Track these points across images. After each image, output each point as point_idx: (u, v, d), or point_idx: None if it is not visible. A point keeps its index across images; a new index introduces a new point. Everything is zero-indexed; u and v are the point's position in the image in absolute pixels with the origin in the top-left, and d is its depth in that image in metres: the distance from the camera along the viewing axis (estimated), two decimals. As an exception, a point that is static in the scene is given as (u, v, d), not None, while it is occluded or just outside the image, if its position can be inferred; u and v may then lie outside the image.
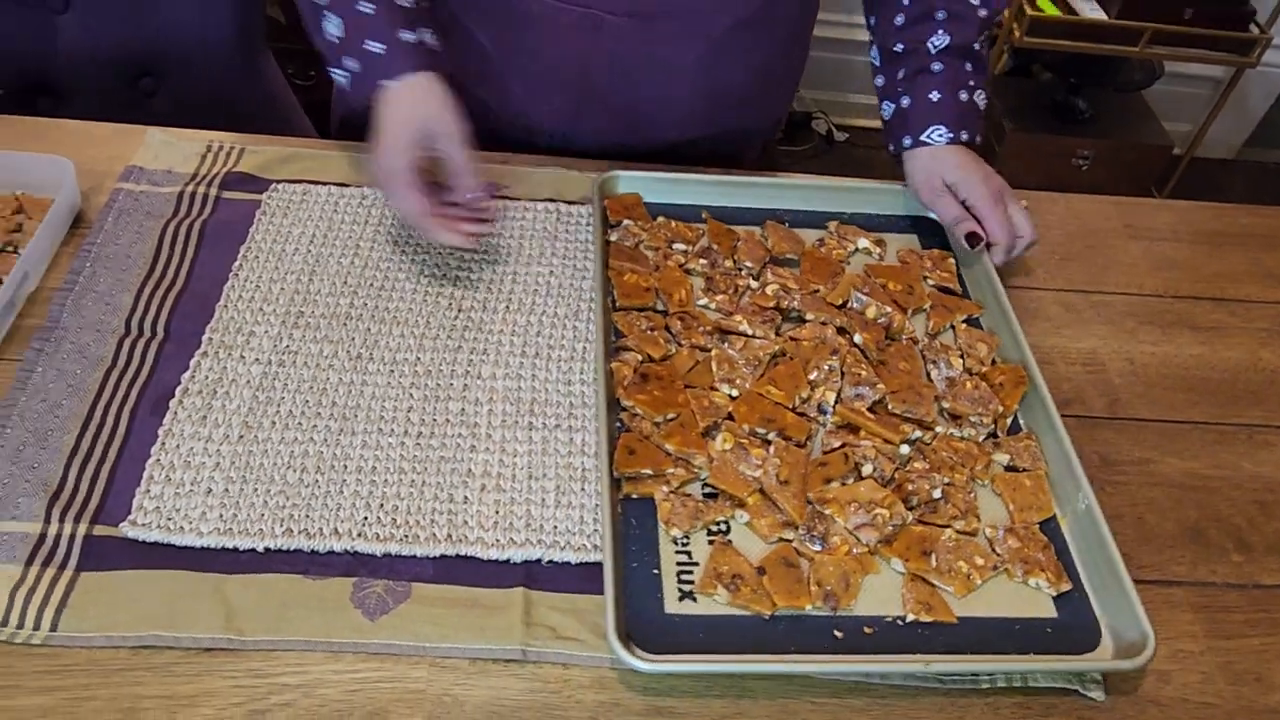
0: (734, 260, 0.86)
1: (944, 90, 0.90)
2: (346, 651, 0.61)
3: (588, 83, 0.92)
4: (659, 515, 0.69)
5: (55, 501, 0.65)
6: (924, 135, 0.90)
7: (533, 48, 0.91)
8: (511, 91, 0.95)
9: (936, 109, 0.90)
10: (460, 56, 0.88)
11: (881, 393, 0.76)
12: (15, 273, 0.76)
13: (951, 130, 0.89)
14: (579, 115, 0.96)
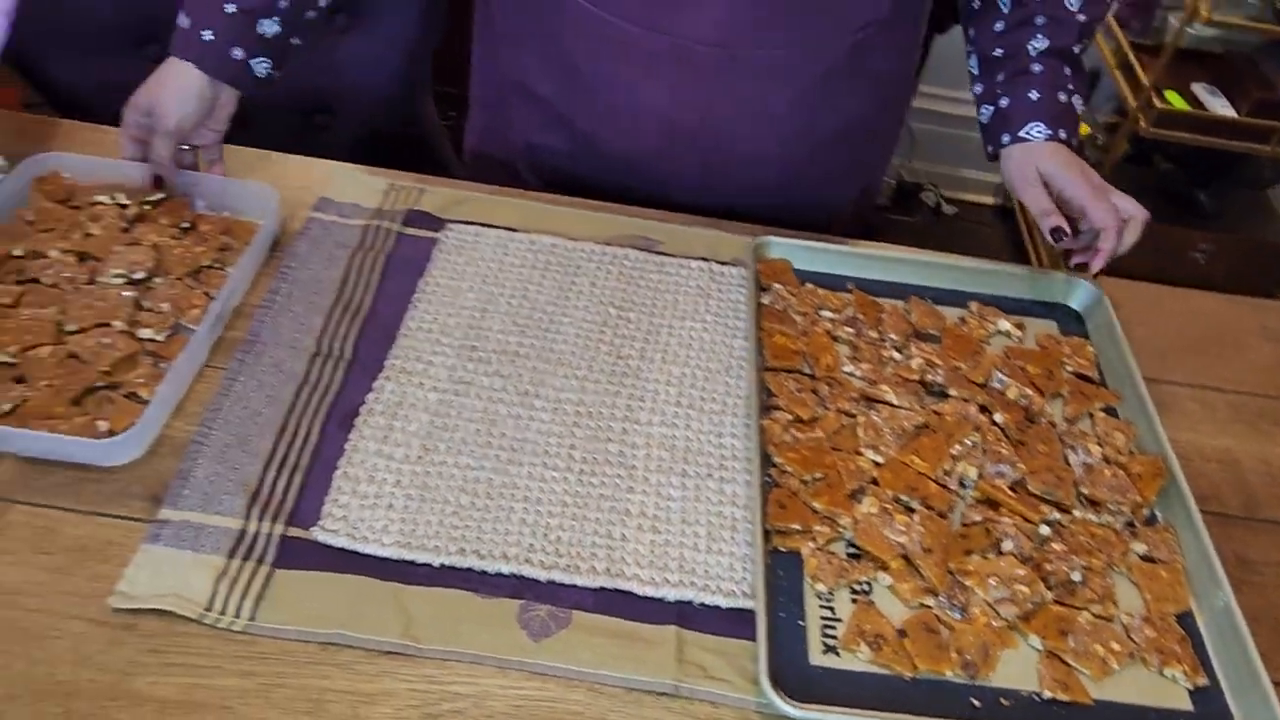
0: (879, 331, 0.90)
1: (1043, 90, 0.92)
2: (512, 668, 0.66)
3: (678, 123, 0.96)
4: (805, 569, 0.72)
5: (254, 501, 0.72)
6: (1022, 131, 0.92)
7: (627, 81, 0.95)
8: (611, 125, 1.00)
9: (1035, 107, 0.92)
10: (569, 92, 0.97)
11: (1021, 472, 0.78)
12: (225, 289, 0.83)
13: (1050, 128, 0.91)
14: (671, 157, 1.00)
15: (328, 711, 0.62)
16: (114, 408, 0.74)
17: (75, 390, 0.74)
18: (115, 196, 0.90)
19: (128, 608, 0.65)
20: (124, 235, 0.87)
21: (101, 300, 0.80)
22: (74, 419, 0.72)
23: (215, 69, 0.89)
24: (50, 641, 0.63)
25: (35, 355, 0.76)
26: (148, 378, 0.77)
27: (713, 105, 0.95)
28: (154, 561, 0.67)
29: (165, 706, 0.61)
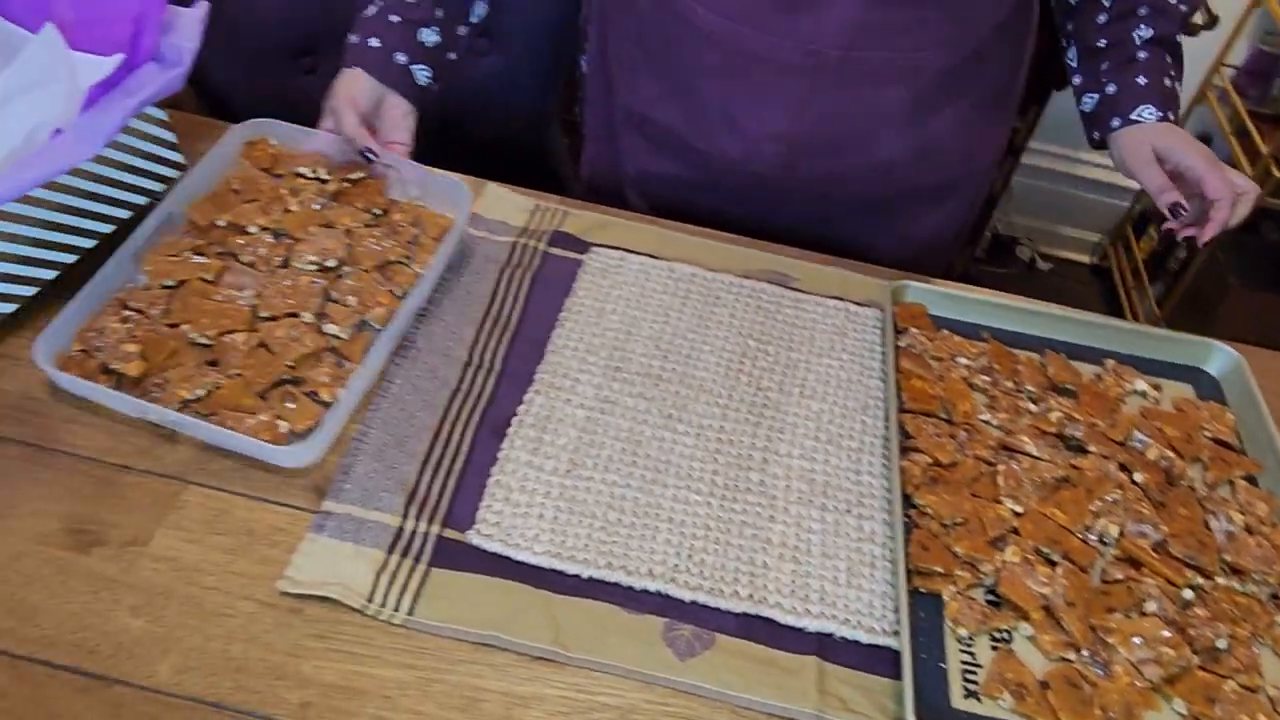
0: (1014, 382, 0.90)
1: (1150, 76, 0.94)
2: (658, 685, 0.67)
3: (797, 135, 0.99)
4: (946, 613, 0.72)
5: (412, 501, 0.74)
6: (1133, 114, 0.94)
7: (748, 95, 0.98)
8: (729, 144, 1.02)
9: (1145, 91, 0.94)
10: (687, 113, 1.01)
11: (1164, 534, 0.78)
12: (415, 294, 0.86)
13: (1160, 110, 0.93)
14: (788, 174, 1.02)
15: (481, 710, 0.64)
16: (296, 408, 0.76)
17: (263, 384, 0.77)
18: (317, 170, 0.93)
19: (295, 592, 0.68)
20: (318, 215, 0.90)
21: (293, 287, 0.83)
22: (259, 414, 0.75)
23: (380, 72, 0.94)
24: (224, 619, 0.66)
25: (230, 340, 0.79)
26: (331, 378, 0.79)
27: (833, 112, 0.97)
28: (319, 550, 0.70)
29: (329, 690, 0.64)
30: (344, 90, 0.93)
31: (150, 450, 0.75)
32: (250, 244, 0.86)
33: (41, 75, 0.77)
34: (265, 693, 0.63)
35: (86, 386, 0.74)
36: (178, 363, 0.77)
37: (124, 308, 0.80)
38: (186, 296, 0.81)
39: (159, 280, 0.82)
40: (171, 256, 0.84)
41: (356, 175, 0.94)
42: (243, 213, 0.88)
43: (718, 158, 1.04)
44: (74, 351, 0.77)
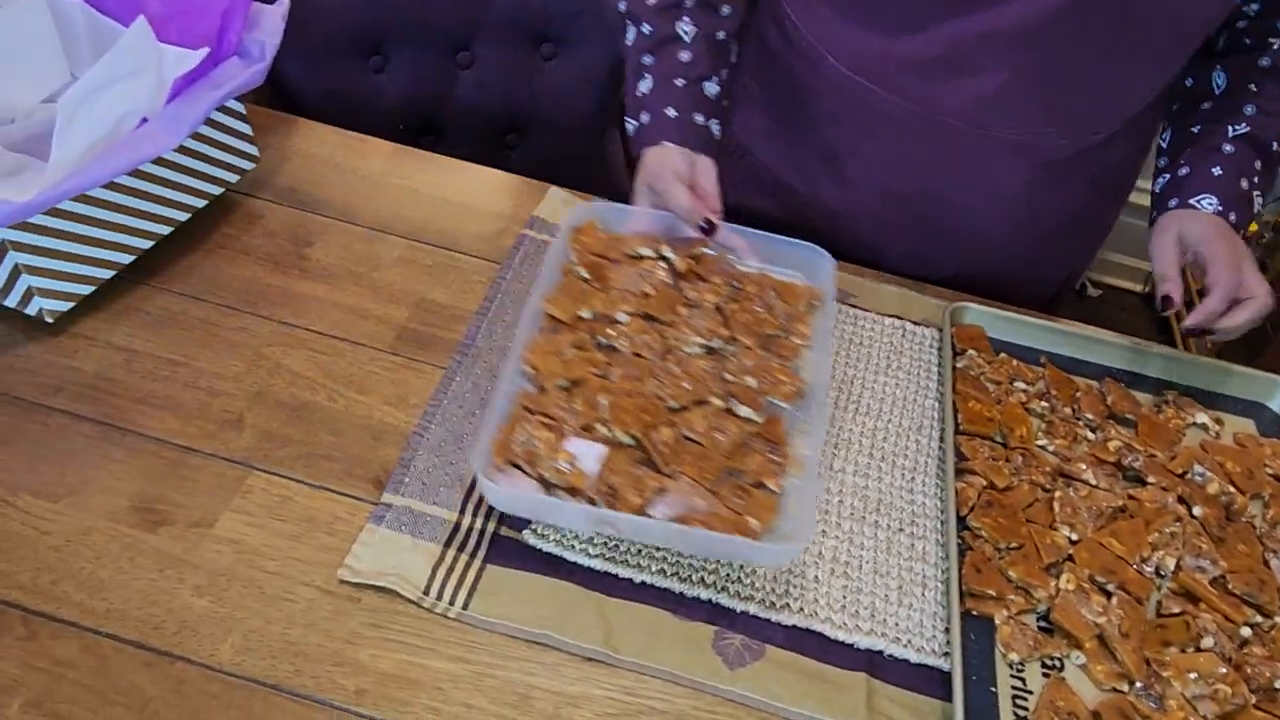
0: (1073, 409, 0.89)
1: (1226, 170, 0.90)
2: (706, 692, 0.67)
3: (905, 194, 0.97)
4: (998, 637, 0.72)
5: (469, 498, 0.75)
6: (1192, 199, 0.89)
7: (868, 149, 0.96)
8: (836, 192, 1.00)
9: (1213, 182, 0.89)
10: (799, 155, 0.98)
11: (1222, 569, 0.77)
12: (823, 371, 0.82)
13: (1221, 205, 0.88)
14: (886, 228, 1.01)
15: (533, 707, 0.65)
16: (751, 500, 0.72)
17: (710, 481, 0.72)
18: (659, 249, 0.89)
19: (353, 581, 0.69)
20: (679, 296, 0.86)
21: (687, 372, 0.79)
22: (718, 511, 0.70)
23: (687, 138, 0.90)
24: (284, 603, 0.68)
25: (657, 436, 0.74)
26: (764, 466, 0.75)
27: (944, 177, 0.95)
28: (378, 541, 0.71)
29: (384, 679, 0.65)
30: (658, 167, 0.89)
31: (217, 434, 0.77)
32: (624, 334, 0.82)
33: (131, 66, 0.79)
34: (322, 678, 0.64)
35: (539, 502, 0.70)
36: (610, 468, 0.72)
37: (532, 413, 0.75)
38: (588, 395, 0.76)
39: (553, 381, 0.77)
40: (553, 354, 0.79)
41: (699, 251, 0.90)
42: (607, 302, 0.84)
43: (816, 203, 1.02)
44: (503, 466, 0.72)
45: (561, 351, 0.80)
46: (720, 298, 0.86)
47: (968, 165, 0.93)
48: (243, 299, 0.88)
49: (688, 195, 0.87)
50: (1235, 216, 0.88)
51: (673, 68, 0.91)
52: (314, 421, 0.79)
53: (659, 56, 0.92)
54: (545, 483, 0.71)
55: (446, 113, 1.37)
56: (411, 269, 0.94)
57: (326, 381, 0.82)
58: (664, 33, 0.92)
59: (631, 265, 0.88)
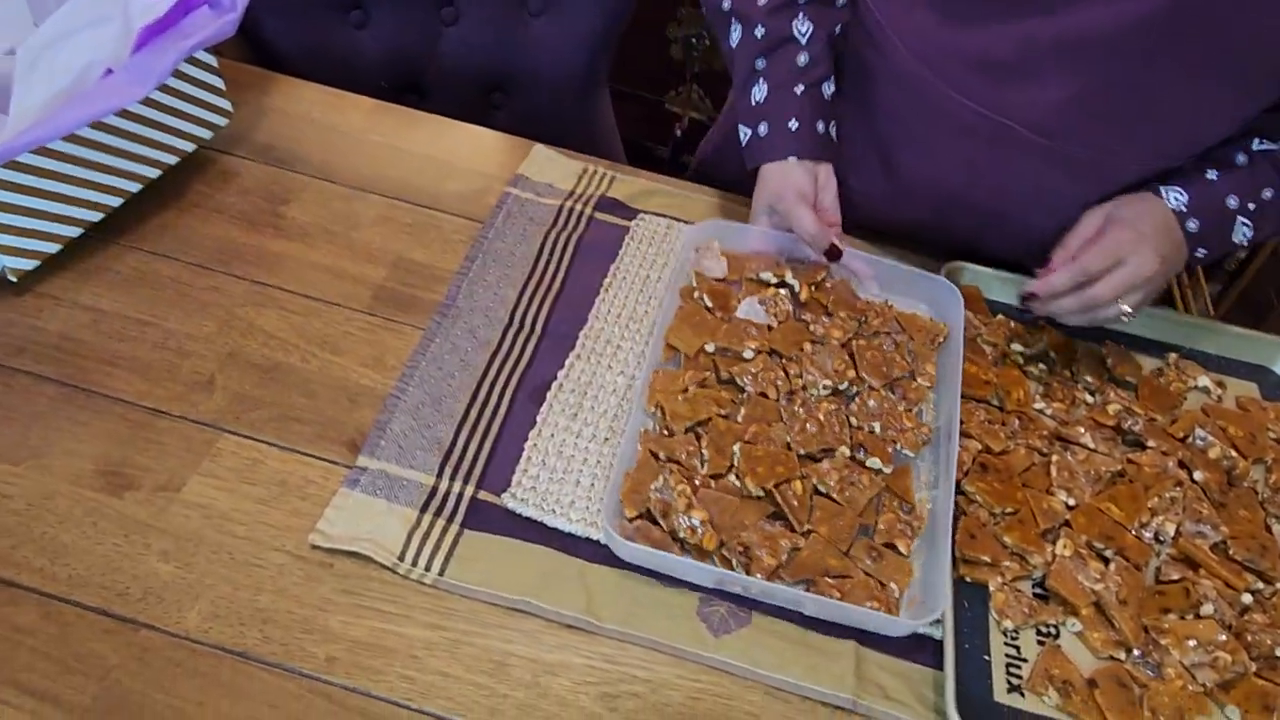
0: (1072, 372, 0.87)
1: (1222, 177, 0.80)
2: (689, 660, 0.65)
3: (959, 189, 0.88)
4: (992, 604, 0.70)
5: (446, 461, 0.73)
6: (1161, 186, 0.80)
7: (925, 147, 0.88)
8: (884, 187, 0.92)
9: (1198, 183, 0.80)
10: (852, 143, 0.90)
11: (1223, 535, 0.75)
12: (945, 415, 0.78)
13: (1188, 204, 0.78)
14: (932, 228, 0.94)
15: (509, 675, 0.63)
16: (884, 563, 0.69)
17: (844, 540, 0.70)
18: (782, 276, 0.87)
19: (326, 546, 0.67)
20: (804, 330, 0.83)
21: (812, 416, 0.76)
22: (852, 575, 0.68)
23: (813, 150, 0.85)
24: (253, 569, 0.65)
25: (790, 491, 0.71)
26: (893, 525, 0.72)
27: (1003, 189, 0.86)
28: (351, 506, 0.69)
29: (356, 647, 0.63)
30: (781, 187, 0.85)
31: (186, 396, 0.74)
32: (747, 370, 0.79)
33: (96, 13, 0.76)
34: (292, 645, 0.62)
35: (671, 561, 0.67)
36: (739, 522, 0.69)
37: (659, 460, 0.72)
38: (717, 440, 0.73)
39: (680, 424, 0.74)
40: (678, 394, 0.76)
41: (821, 276, 0.87)
42: (731, 334, 0.81)
43: (860, 197, 0.92)
44: (630, 517, 0.69)
45: (687, 389, 0.77)
46: (845, 333, 0.83)
47: (1026, 177, 0.85)
48: (215, 258, 0.85)
49: (813, 219, 0.83)
50: (1198, 224, 0.79)
51: (791, 73, 0.85)
52: (287, 383, 0.76)
53: (774, 60, 0.86)
54: (674, 536, 0.68)
55: (430, 70, 1.33)
56: (390, 228, 0.91)
57: (300, 342, 0.79)
58: (780, 34, 0.85)
59: (752, 292, 0.85)
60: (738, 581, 0.67)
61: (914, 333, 0.85)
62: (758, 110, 0.86)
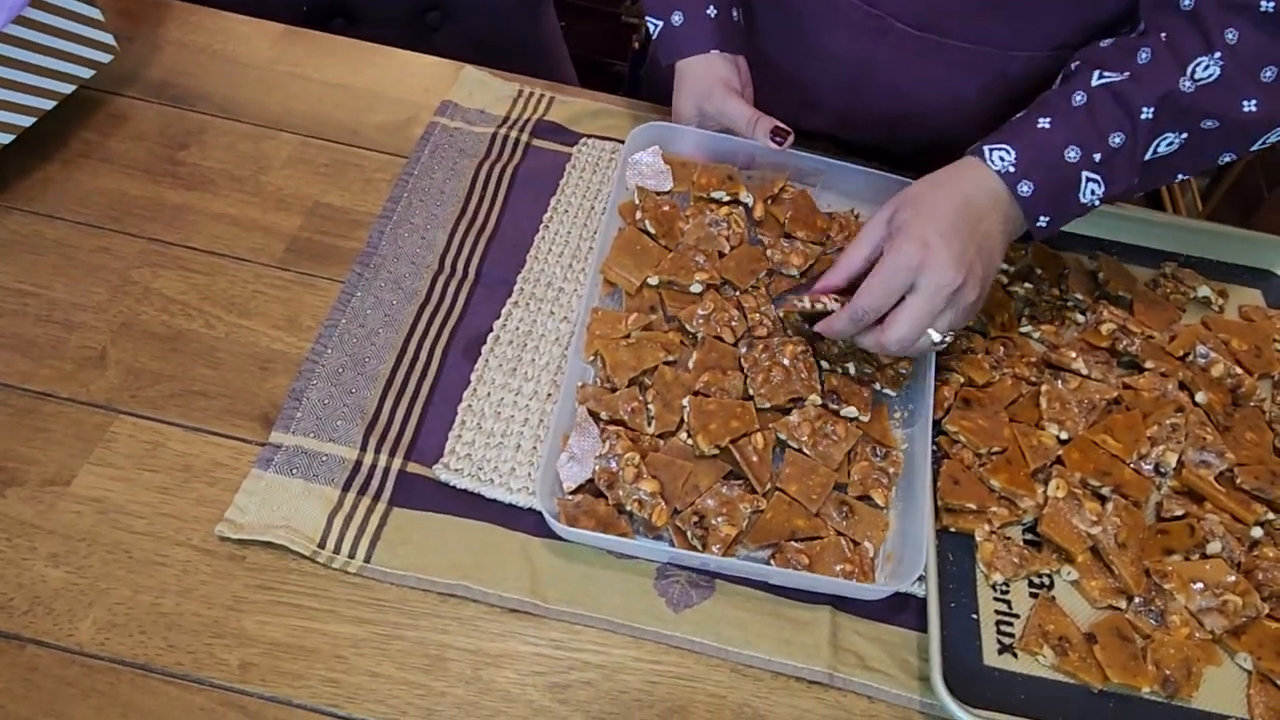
0: (1061, 289, 0.79)
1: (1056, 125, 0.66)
2: (648, 640, 0.59)
3: (860, 85, 0.84)
4: (979, 555, 0.64)
5: (371, 431, 0.66)
6: (986, 146, 0.66)
7: (812, 44, 0.83)
8: (783, 92, 0.86)
9: (1029, 135, 0.66)
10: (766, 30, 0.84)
11: (1230, 463, 0.68)
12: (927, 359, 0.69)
13: (1016, 163, 0.65)
14: (845, 119, 0.89)
15: (447, 670, 0.57)
16: (856, 520, 0.63)
17: (816, 500, 0.63)
18: (735, 193, 0.78)
19: (236, 538, 0.60)
20: (761, 255, 0.75)
21: (776, 361, 0.67)
22: (821, 535, 0.62)
23: (726, 39, 0.78)
24: (155, 568, 0.58)
25: (749, 447, 0.64)
26: (868, 474, 0.65)
27: (903, 84, 0.82)
28: (264, 489, 0.62)
29: (273, 649, 0.56)
30: (706, 83, 0.78)
31: (75, 375, 0.66)
32: (693, 311, 0.70)
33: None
34: (200, 653, 0.56)
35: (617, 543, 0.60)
36: (693, 487, 0.62)
37: (600, 422, 0.65)
38: (665, 394, 0.65)
39: (623, 376, 0.66)
40: (619, 339, 0.68)
41: (779, 188, 0.79)
42: (677, 265, 0.72)
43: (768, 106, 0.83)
44: (571, 491, 0.62)
45: (628, 333, 0.68)
46: (806, 259, 0.75)
47: (922, 71, 0.80)
48: (105, 215, 0.76)
49: (747, 107, 0.76)
50: (1031, 186, 0.65)
51: None
52: (190, 353, 0.68)
53: None
54: (621, 509, 0.61)
55: (353, -4, 1.21)
56: (304, 170, 0.82)
57: (204, 305, 0.71)
58: None
59: (701, 212, 0.76)
60: (693, 559, 0.60)
61: None
62: (673, 3, 0.77)
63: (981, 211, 0.64)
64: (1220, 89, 0.64)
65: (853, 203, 0.82)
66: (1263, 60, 0.63)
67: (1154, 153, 0.66)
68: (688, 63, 0.78)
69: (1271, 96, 0.64)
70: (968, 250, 0.62)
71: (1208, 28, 0.64)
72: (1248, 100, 0.64)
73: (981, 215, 0.64)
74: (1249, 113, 0.64)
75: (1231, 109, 0.64)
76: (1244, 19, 0.63)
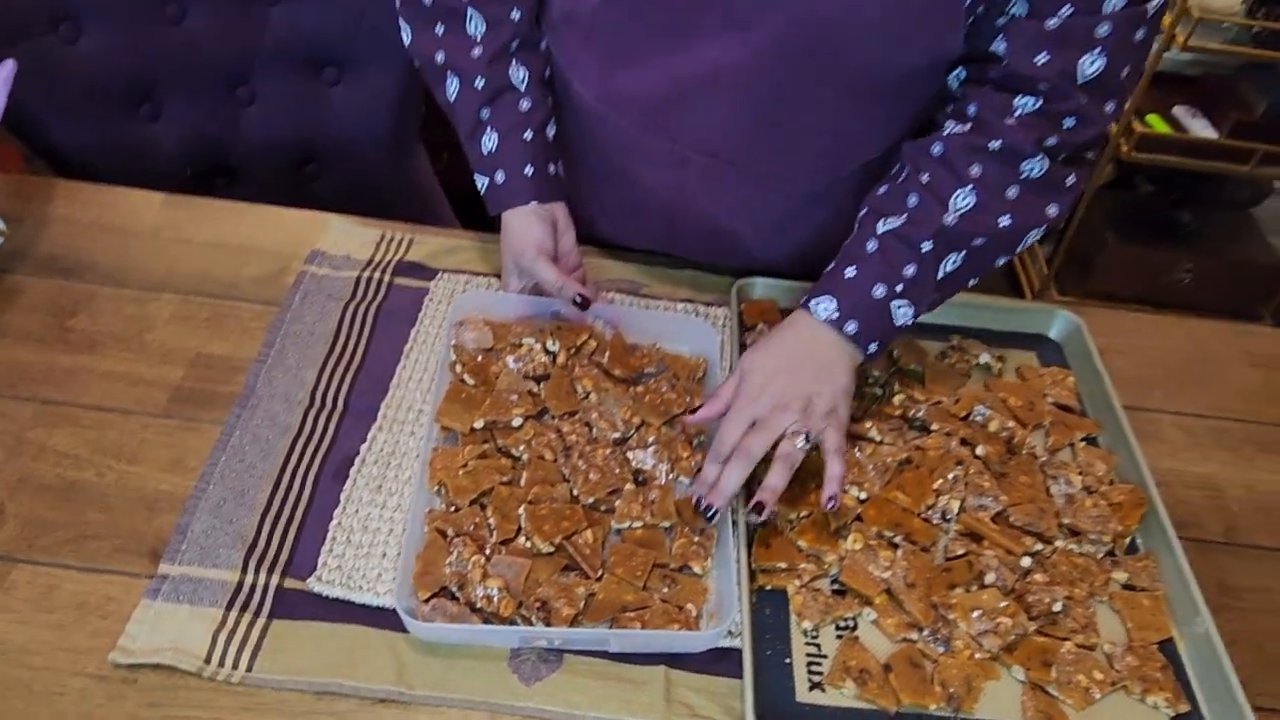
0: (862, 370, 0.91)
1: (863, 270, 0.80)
2: (504, 713, 0.67)
3: (677, 211, 0.95)
4: (791, 607, 0.73)
5: (251, 553, 0.73)
6: (811, 301, 0.81)
7: (631, 177, 0.94)
8: (611, 214, 1.00)
9: (843, 285, 0.80)
10: (573, 178, 0.95)
11: (1004, 504, 0.80)
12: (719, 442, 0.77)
13: (839, 310, 0.79)
14: (670, 238, 1.00)
15: (324, 761, 0.64)
16: (679, 588, 0.73)
17: (639, 575, 0.72)
18: (544, 342, 0.88)
19: (128, 663, 0.66)
20: (567, 380, 0.86)
21: (593, 465, 0.78)
22: (650, 605, 0.71)
23: (546, 194, 0.89)
24: (53, 699, 0.65)
25: (580, 540, 0.74)
26: (686, 547, 0.75)
27: (713, 205, 0.93)
28: (153, 616, 0.69)
29: (165, 760, 0.63)
30: (521, 241, 0.88)
31: (-25, 532, 0.73)
32: (519, 440, 0.81)
33: None
34: (98, 770, 0.62)
35: (472, 632, 0.69)
36: (535, 581, 0.71)
37: (445, 536, 0.74)
38: (502, 508, 0.75)
39: (464, 498, 0.76)
40: (459, 469, 0.77)
41: (583, 340, 0.89)
42: (497, 405, 0.82)
43: (601, 225, 1.01)
44: (426, 599, 0.70)
45: (466, 464, 0.78)
46: (608, 383, 0.85)
47: (729, 196, 0.92)
48: (1, 383, 0.84)
49: (554, 272, 0.87)
50: (857, 325, 0.79)
51: (517, 120, 0.88)
52: (82, 501, 0.76)
53: (497, 109, 0.88)
54: (473, 608, 0.70)
55: (235, 152, 1.32)
56: (187, 325, 0.91)
57: (95, 456, 0.79)
58: (499, 83, 0.88)
59: (512, 353, 0.86)
60: (540, 636, 0.69)
61: (679, 371, 0.88)
62: (491, 159, 0.89)
63: (819, 349, 0.80)
64: (979, 213, 0.79)
65: (656, 337, 0.92)
66: (1004, 183, 0.79)
67: (943, 272, 0.81)
68: (510, 215, 0.89)
69: (1020, 209, 0.79)
70: (804, 379, 0.77)
71: (957, 168, 0.79)
72: (1002, 217, 0.79)
73: (819, 352, 0.80)
74: (1005, 226, 0.79)
75: (992, 227, 0.79)
76: (982, 156, 0.78)
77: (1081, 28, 0.73)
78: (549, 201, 0.90)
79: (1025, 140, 0.77)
